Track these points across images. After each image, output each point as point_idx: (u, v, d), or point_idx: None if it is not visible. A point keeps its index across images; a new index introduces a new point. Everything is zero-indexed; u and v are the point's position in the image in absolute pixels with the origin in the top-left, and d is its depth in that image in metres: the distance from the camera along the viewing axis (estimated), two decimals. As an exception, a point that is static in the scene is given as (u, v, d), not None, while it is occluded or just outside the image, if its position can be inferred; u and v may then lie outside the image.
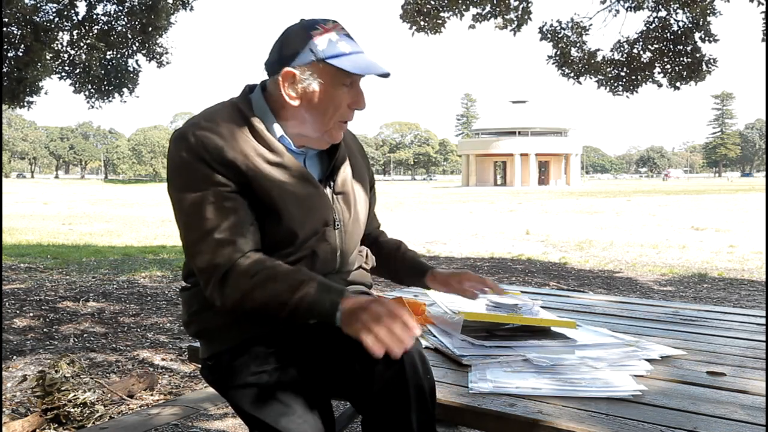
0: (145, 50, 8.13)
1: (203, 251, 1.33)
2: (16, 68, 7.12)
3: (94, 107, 8.33)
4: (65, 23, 7.62)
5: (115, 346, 3.95)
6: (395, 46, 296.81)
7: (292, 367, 1.36)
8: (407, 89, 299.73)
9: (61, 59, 7.98)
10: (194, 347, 1.74)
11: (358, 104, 1.41)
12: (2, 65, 6.96)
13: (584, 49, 7.83)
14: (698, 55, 7.46)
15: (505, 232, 13.04)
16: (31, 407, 2.80)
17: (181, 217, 1.37)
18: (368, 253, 1.66)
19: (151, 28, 7.60)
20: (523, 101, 67.92)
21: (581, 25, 7.80)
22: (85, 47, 7.85)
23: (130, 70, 8.36)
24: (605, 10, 7.90)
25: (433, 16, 7.33)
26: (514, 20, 7.36)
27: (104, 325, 4.47)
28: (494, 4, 7.22)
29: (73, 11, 7.60)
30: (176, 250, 9.25)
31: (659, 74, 7.73)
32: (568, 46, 7.77)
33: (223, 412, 2.82)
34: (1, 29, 6.60)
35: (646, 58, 7.74)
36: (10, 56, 7.21)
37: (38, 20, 7.23)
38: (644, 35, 7.69)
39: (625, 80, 7.83)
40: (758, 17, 7.13)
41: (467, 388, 1.34)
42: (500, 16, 7.32)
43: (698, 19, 7.33)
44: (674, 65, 7.60)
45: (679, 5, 7.37)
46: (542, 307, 1.84)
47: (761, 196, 27.39)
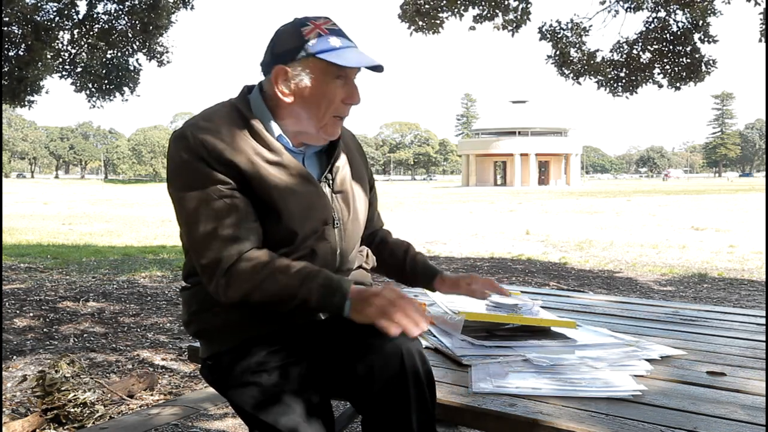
0: (145, 49, 8.13)
1: (207, 248, 1.33)
2: (16, 67, 7.12)
3: (95, 106, 8.34)
4: (66, 22, 7.62)
5: (115, 346, 3.95)
6: (395, 46, 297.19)
7: (292, 366, 1.36)
8: (407, 89, 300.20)
9: (61, 58, 7.99)
10: (194, 347, 1.74)
11: (352, 99, 1.41)
12: (2, 65, 6.96)
13: (583, 49, 7.82)
14: (698, 55, 7.46)
15: (505, 232, 13.04)
16: (31, 407, 2.80)
17: (182, 215, 1.37)
18: (369, 252, 1.66)
19: (151, 27, 7.60)
20: (523, 101, 67.93)
21: (581, 25, 7.79)
22: (85, 46, 7.85)
23: (130, 69, 8.37)
24: (605, 10, 7.90)
25: (431, 16, 7.33)
26: (513, 21, 7.36)
27: (104, 325, 4.47)
28: (493, 4, 7.22)
29: (73, 10, 7.60)
30: (176, 250, 9.25)
31: (659, 75, 7.73)
32: (567, 46, 7.77)
33: (223, 412, 2.82)
34: (1, 28, 6.60)
35: (645, 58, 7.74)
36: (11, 55, 7.22)
37: (39, 19, 7.23)
38: (644, 36, 7.69)
39: (624, 81, 7.83)
40: (758, 17, 7.10)
41: (467, 388, 1.34)
42: (499, 16, 7.32)
43: (698, 19, 7.33)
44: (674, 66, 7.60)
45: (678, 6, 7.37)
46: (542, 307, 1.84)
47: (761, 196, 27.39)
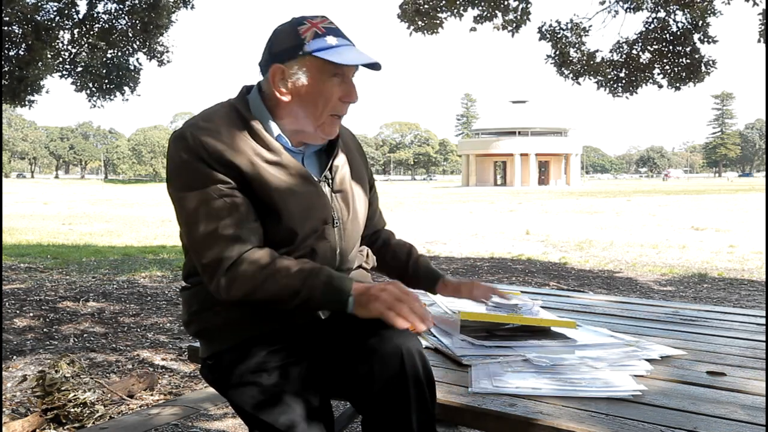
0: (145, 49, 8.13)
1: (208, 248, 1.33)
2: (17, 67, 7.12)
3: (95, 106, 8.33)
4: (66, 22, 7.62)
5: (115, 346, 3.95)
6: (395, 46, 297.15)
7: (292, 366, 1.36)
8: (407, 89, 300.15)
9: (62, 58, 7.98)
10: (194, 347, 1.74)
11: (349, 97, 1.41)
12: (2, 64, 6.96)
13: (583, 49, 7.82)
14: (697, 56, 7.46)
15: (505, 232, 13.04)
16: (31, 407, 2.80)
17: (182, 215, 1.37)
18: (369, 252, 1.67)
19: (152, 26, 7.60)
20: (523, 101, 67.92)
21: (580, 25, 7.79)
22: (86, 46, 7.85)
23: (131, 68, 8.37)
24: (604, 10, 7.90)
25: (431, 16, 7.33)
26: (513, 21, 7.36)
27: (104, 325, 4.47)
28: (492, 5, 7.21)
29: (73, 10, 7.60)
30: (176, 250, 9.25)
31: (658, 75, 7.73)
32: (567, 46, 7.77)
33: (223, 412, 2.82)
34: (1, 28, 6.60)
35: (645, 59, 7.73)
36: (11, 55, 7.22)
37: (39, 19, 7.23)
38: (643, 36, 7.69)
39: (624, 81, 7.82)
40: (757, 18, 7.10)
41: (467, 388, 1.34)
42: (499, 17, 7.31)
43: (697, 20, 7.33)
44: (673, 66, 7.59)
45: (678, 6, 7.36)
46: (542, 307, 1.84)
47: (761, 196, 27.40)
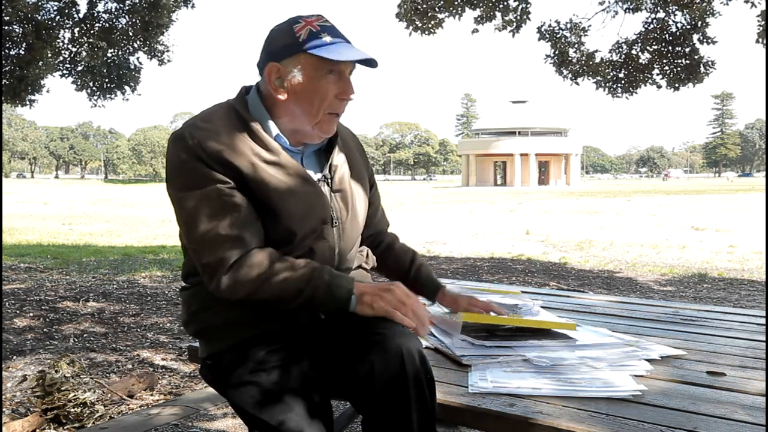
0: (146, 48, 8.12)
1: (208, 248, 1.34)
2: (17, 66, 7.12)
3: (96, 105, 8.32)
4: (66, 21, 7.61)
5: (115, 346, 3.95)
6: (396, 46, 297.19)
7: (292, 366, 1.36)
8: (407, 89, 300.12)
9: (62, 57, 7.98)
10: (194, 347, 1.74)
11: (345, 94, 1.41)
12: (2, 64, 6.96)
13: (582, 50, 7.82)
14: (696, 56, 7.46)
15: (505, 232, 13.04)
16: (31, 407, 2.80)
17: (182, 216, 1.38)
18: (369, 252, 1.66)
19: (152, 25, 7.60)
20: (523, 101, 67.91)
21: (580, 26, 7.79)
22: (86, 45, 7.85)
23: (131, 67, 8.36)
24: (604, 11, 7.90)
25: (430, 17, 7.32)
26: (513, 21, 7.36)
27: (104, 325, 4.47)
28: (491, 5, 7.21)
29: (74, 9, 7.59)
30: (176, 250, 9.25)
31: (658, 76, 7.73)
32: (566, 46, 7.77)
33: (223, 412, 2.82)
34: (1, 27, 6.60)
35: (644, 59, 7.73)
36: (11, 54, 7.21)
37: (40, 18, 7.23)
38: (643, 36, 7.68)
39: (623, 81, 7.82)
40: (755, 19, 7.10)
41: (467, 388, 1.34)
42: (498, 17, 7.31)
43: (696, 20, 7.33)
44: (673, 67, 7.59)
45: (677, 7, 7.36)
46: (542, 307, 1.84)
47: (761, 196, 27.39)
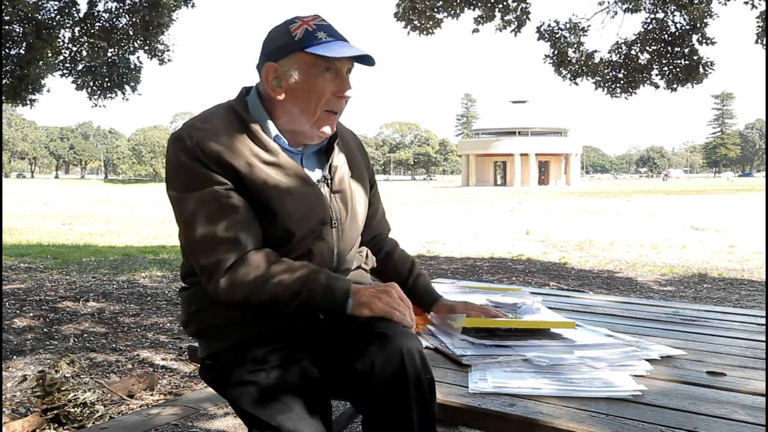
0: (146, 47, 8.11)
1: (205, 249, 1.34)
2: (18, 66, 7.12)
3: (96, 105, 8.31)
4: (67, 20, 7.61)
5: (115, 346, 3.95)
6: (396, 46, 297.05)
7: (291, 366, 1.36)
8: (407, 89, 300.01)
9: (62, 56, 7.97)
10: (194, 347, 1.74)
11: (342, 91, 1.41)
12: (2, 64, 6.96)
13: (581, 50, 7.82)
14: (696, 57, 7.46)
15: (505, 232, 13.04)
16: (31, 407, 2.80)
17: (181, 217, 1.38)
18: (368, 253, 1.66)
19: (152, 25, 7.60)
20: (523, 101, 67.90)
21: (579, 26, 7.79)
22: (86, 44, 7.84)
23: (131, 67, 8.35)
24: (603, 11, 7.90)
25: (428, 17, 7.32)
26: (514, 21, 7.36)
27: (104, 325, 4.47)
28: (490, 5, 7.21)
29: (74, 8, 7.59)
30: (176, 250, 9.25)
31: (657, 76, 7.73)
32: (565, 46, 7.77)
33: (223, 412, 2.82)
34: (1, 27, 6.60)
35: (643, 59, 7.73)
36: (12, 54, 7.21)
37: (40, 18, 7.22)
38: (642, 37, 7.69)
39: (622, 82, 7.83)
40: (754, 20, 7.11)
41: (467, 388, 1.34)
42: (497, 17, 7.31)
43: (696, 21, 7.33)
44: (672, 67, 7.60)
45: (676, 7, 7.37)
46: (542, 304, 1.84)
47: (761, 196, 27.39)
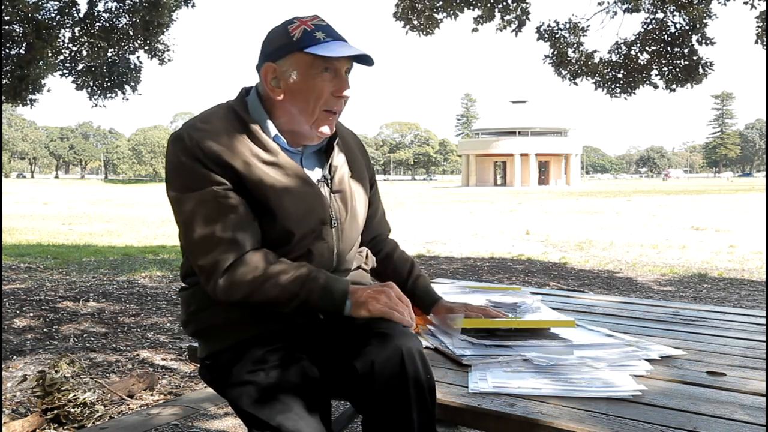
0: (147, 47, 8.11)
1: (204, 249, 1.34)
2: (18, 66, 7.11)
3: (97, 105, 8.30)
4: (67, 20, 7.61)
5: (115, 346, 3.95)
6: (396, 46, 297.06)
7: (290, 365, 1.36)
8: (407, 89, 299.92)
9: (63, 56, 7.97)
10: (194, 347, 1.74)
11: (340, 91, 1.41)
12: (2, 64, 6.96)
13: (581, 50, 7.83)
14: (695, 57, 7.46)
15: (505, 232, 13.04)
16: (31, 407, 2.80)
17: (180, 217, 1.38)
18: (368, 253, 1.66)
19: (152, 24, 7.59)
20: (523, 101, 67.89)
21: (578, 26, 7.79)
22: (86, 44, 7.84)
23: (131, 67, 8.35)
24: (603, 11, 7.90)
25: (428, 17, 7.31)
26: (514, 21, 7.36)
27: (104, 325, 4.47)
28: (489, 5, 7.21)
29: (74, 8, 7.59)
30: (176, 250, 9.25)
31: (656, 76, 7.73)
32: (565, 46, 7.77)
33: (223, 412, 2.82)
34: (1, 27, 6.60)
35: (643, 59, 7.73)
36: (12, 54, 7.21)
37: (40, 18, 7.22)
38: (641, 37, 7.69)
39: (622, 82, 7.83)
40: (753, 20, 7.11)
41: (467, 388, 1.34)
42: (497, 17, 7.30)
43: (695, 21, 7.34)
44: (671, 67, 7.60)
45: (675, 7, 7.37)
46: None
47: (761, 196, 27.39)
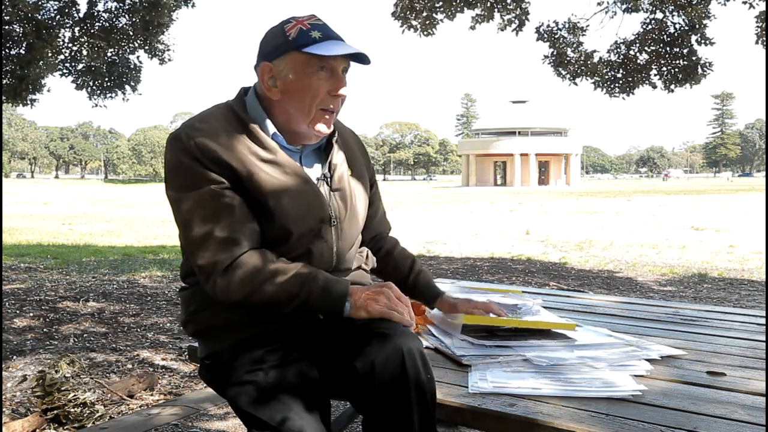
0: (146, 47, 8.11)
1: (204, 249, 1.34)
2: (18, 66, 7.11)
3: (97, 105, 8.30)
4: (66, 20, 7.60)
5: (115, 346, 3.95)
6: (396, 46, 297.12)
7: (290, 365, 1.35)
8: (407, 89, 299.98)
9: (63, 56, 7.97)
10: (194, 347, 1.74)
11: (336, 90, 1.42)
12: (2, 64, 6.96)
13: (580, 50, 7.83)
14: (694, 57, 7.46)
15: (505, 232, 13.04)
16: (31, 407, 2.80)
17: (179, 216, 1.38)
18: (368, 253, 1.66)
19: (152, 24, 7.59)
20: (523, 101, 67.88)
21: (578, 26, 7.79)
22: (86, 44, 7.84)
23: (131, 67, 8.35)
24: (602, 11, 7.91)
25: (426, 17, 7.31)
26: (514, 20, 7.35)
27: (104, 325, 4.47)
28: (489, 5, 7.20)
29: (74, 8, 7.59)
30: (176, 250, 9.25)
31: (655, 76, 7.73)
32: (564, 46, 7.77)
33: (223, 412, 2.82)
34: (1, 27, 6.60)
35: (642, 59, 7.73)
36: (12, 54, 7.20)
37: (40, 18, 7.22)
38: (641, 37, 7.69)
39: (621, 82, 7.83)
40: (753, 20, 7.11)
41: (467, 388, 1.34)
42: (496, 17, 7.30)
43: (694, 22, 7.34)
44: (670, 67, 7.60)
45: (674, 8, 7.37)
46: (542, 306, 1.84)
47: (761, 196, 27.39)
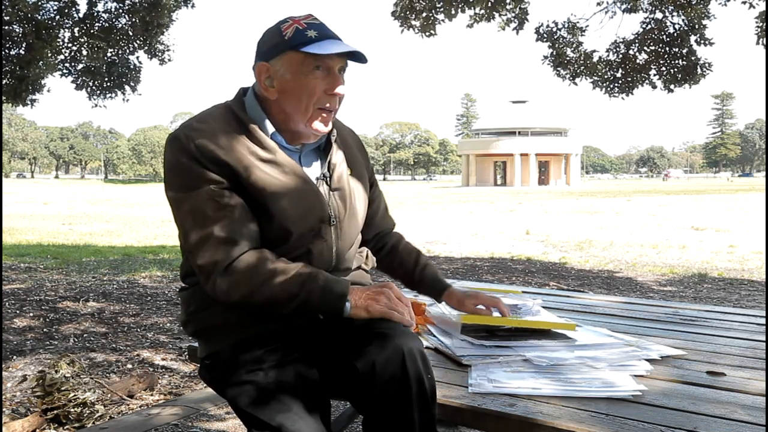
0: (146, 47, 8.10)
1: (203, 249, 1.34)
2: (18, 66, 7.11)
3: (97, 105, 8.29)
4: (66, 21, 7.60)
5: (115, 346, 3.95)
6: (396, 46, 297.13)
7: (290, 365, 1.35)
8: (407, 89, 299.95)
9: (62, 56, 7.97)
10: (194, 347, 1.74)
11: (333, 88, 1.41)
12: (2, 64, 6.96)
13: (580, 50, 7.83)
14: (694, 58, 7.47)
15: (505, 232, 13.04)
16: (31, 407, 2.80)
17: (179, 216, 1.38)
18: (368, 253, 1.66)
19: (152, 25, 7.59)
20: (523, 101, 67.87)
21: (577, 26, 7.79)
22: (86, 44, 7.84)
23: (131, 67, 8.34)
24: (602, 11, 7.91)
25: (426, 17, 7.31)
26: (513, 20, 7.36)
27: (104, 325, 4.47)
28: (489, 6, 7.20)
29: (74, 9, 7.59)
30: (176, 250, 9.25)
31: (655, 76, 7.73)
32: (564, 46, 7.77)
33: (223, 412, 2.82)
34: (1, 27, 6.60)
35: (641, 59, 7.74)
36: (12, 54, 7.20)
37: (40, 18, 7.22)
38: (640, 37, 7.69)
39: (620, 82, 7.83)
40: (753, 20, 7.11)
41: (467, 388, 1.34)
42: (496, 17, 7.30)
43: (694, 22, 7.34)
44: (670, 68, 7.60)
45: (674, 8, 7.37)
46: (542, 307, 1.84)
47: (761, 196, 27.39)
